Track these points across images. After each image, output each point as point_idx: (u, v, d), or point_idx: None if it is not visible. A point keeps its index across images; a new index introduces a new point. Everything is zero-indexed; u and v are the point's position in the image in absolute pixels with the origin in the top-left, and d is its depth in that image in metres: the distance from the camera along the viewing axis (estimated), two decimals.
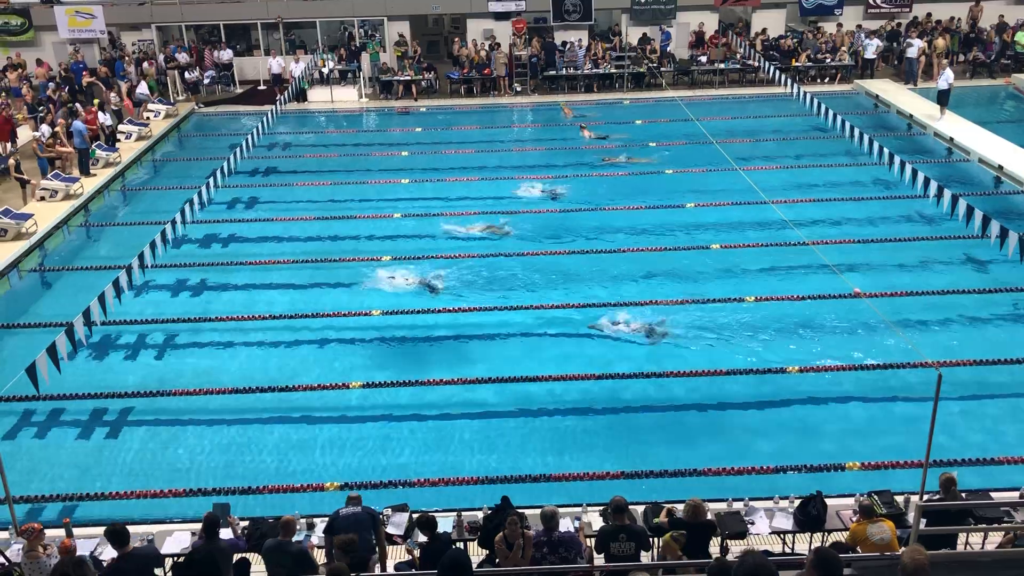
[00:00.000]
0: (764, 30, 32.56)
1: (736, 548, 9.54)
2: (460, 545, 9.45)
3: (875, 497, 9.33)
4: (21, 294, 17.67)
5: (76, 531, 9.66)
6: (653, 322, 15.24)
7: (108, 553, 9.28)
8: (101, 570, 8.32)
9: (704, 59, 31.59)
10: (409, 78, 31.05)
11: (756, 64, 29.91)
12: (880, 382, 13.53)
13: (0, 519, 10.25)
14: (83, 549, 9.14)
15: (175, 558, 9.07)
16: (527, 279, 17.08)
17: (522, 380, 13.66)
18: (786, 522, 9.74)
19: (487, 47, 31.45)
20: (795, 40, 32.02)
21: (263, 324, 15.73)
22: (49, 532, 9.14)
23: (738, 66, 31.31)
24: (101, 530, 9.71)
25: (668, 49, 32.35)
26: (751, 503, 10.00)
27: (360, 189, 22.40)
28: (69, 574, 4.87)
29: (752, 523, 9.71)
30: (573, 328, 15.33)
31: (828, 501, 9.76)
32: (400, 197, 21.78)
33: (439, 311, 15.87)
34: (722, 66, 31.25)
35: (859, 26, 32.45)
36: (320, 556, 9.19)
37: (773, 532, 9.72)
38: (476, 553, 9.22)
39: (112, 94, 27.85)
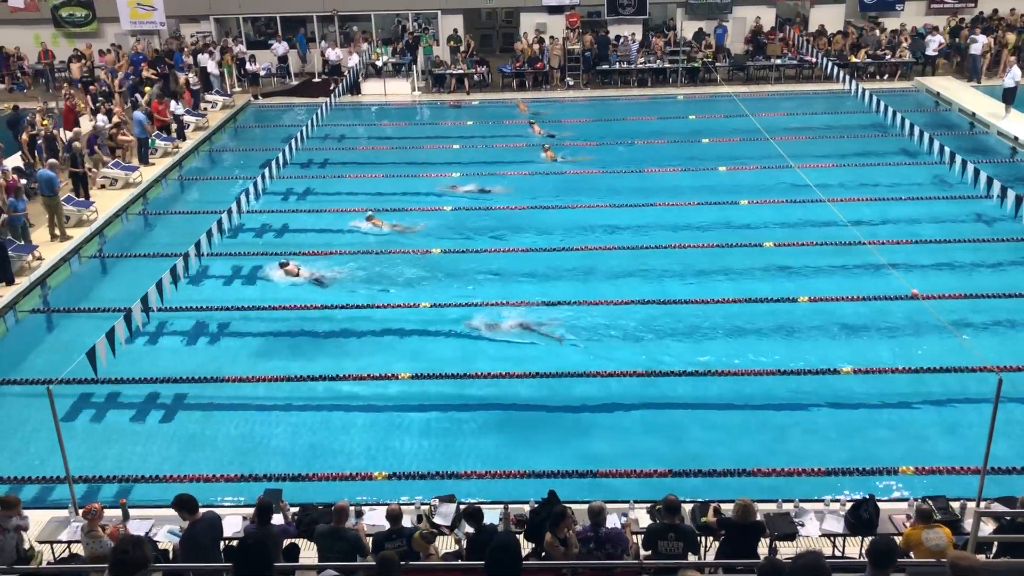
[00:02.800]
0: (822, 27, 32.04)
1: (785, 550, 9.43)
2: None
3: (930, 502, 9.15)
4: (81, 280, 18.08)
5: (132, 512, 9.90)
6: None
7: (162, 535, 9.53)
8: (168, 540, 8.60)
9: (757, 53, 31.15)
10: (461, 72, 31.12)
11: (813, 60, 29.44)
12: (937, 385, 13.23)
13: (61, 498, 10.52)
14: (139, 530, 9.34)
15: (227, 541, 9.24)
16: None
17: (580, 375, 13.66)
18: (837, 525, 9.59)
19: (540, 41, 31.40)
20: (856, 35, 31.44)
21: (314, 313, 15.89)
22: (106, 512, 9.36)
23: (795, 62, 30.84)
24: (156, 511, 10.02)
25: (724, 44, 31.98)
26: (801, 504, 9.86)
27: (411, 182, 22.52)
28: (129, 551, 4.97)
29: (802, 525, 9.57)
30: (636, 326, 15.25)
31: (880, 505, 9.60)
32: (449, 190, 21.87)
33: (487, 304, 15.90)
34: (778, 62, 30.81)
35: (924, 26, 31.75)
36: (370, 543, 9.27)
37: (823, 535, 9.57)
38: (522, 546, 9.21)
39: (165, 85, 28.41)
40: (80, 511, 9.26)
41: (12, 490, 11.37)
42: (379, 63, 31.79)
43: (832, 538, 9.64)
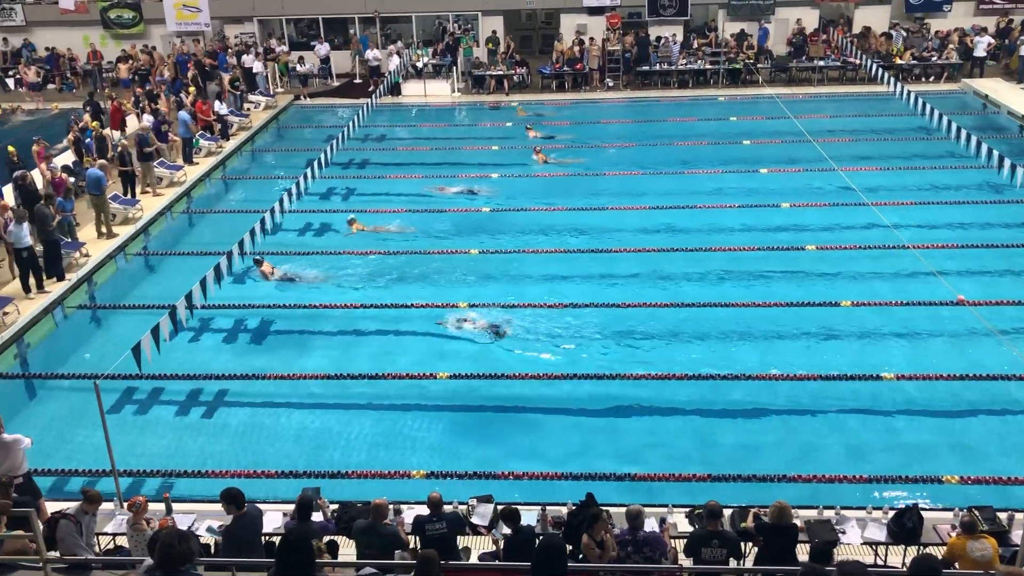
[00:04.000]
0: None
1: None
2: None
3: (976, 513, 8.99)
4: (127, 277, 18.40)
5: (174, 506, 10.04)
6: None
7: (203, 530, 9.66)
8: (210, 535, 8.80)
9: (799, 54, 30.83)
10: (501, 73, 31.16)
11: (857, 61, 29.05)
12: (983, 393, 12.99)
13: (106, 491, 10.69)
14: (182, 524, 9.48)
15: (267, 537, 9.34)
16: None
17: (619, 377, 13.61)
18: (879, 533, 9.46)
19: (579, 42, 31.36)
20: (903, 36, 30.98)
21: (355, 312, 16.01)
22: (150, 506, 9.51)
23: (838, 63, 30.47)
24: (198, 506, 10.17)
25: (766, 45, 31.70)
26: (842, 512, 9.75)
27: (450, 183, 22.59)
28: (175, 545, 5.06)
29: (843, 532, 9.45)
30: (676, 328, 15.18)
31: (924, 514, 9.45)
32: (488, 190, 21.93)
33: (534, 306, 15.90)
34: (821, 63, 30.46)
35: (973, 27, 31.19)
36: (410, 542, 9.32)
37: (865, 543, 9.45)
38: None
39: (214, 85, 28.78)
40: (125, 504, 9.41)
41: (58, 482, 11.62)
42: (419, 64, 31.95)
43: (874, 547, 9.51)
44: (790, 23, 31.98)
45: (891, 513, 9.55)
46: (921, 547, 9.30)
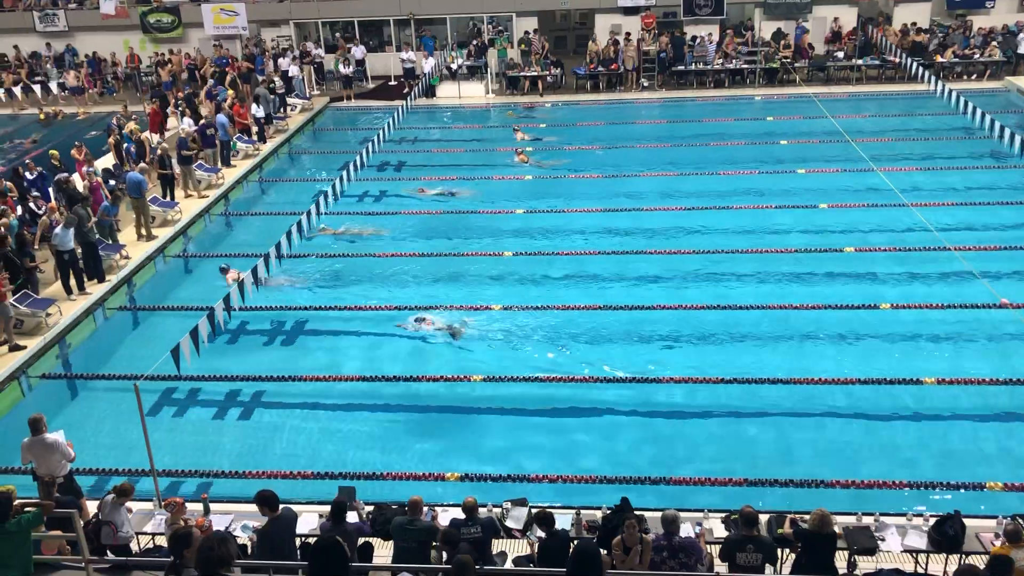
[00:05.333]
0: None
1: (865, 565, 9.20)
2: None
3: (1020, 521, 8.80)
4: (166, 278, 18.64)
5: (212, 506, 10.15)
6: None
7: (238, 530, 9.74)
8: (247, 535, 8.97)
9: (841, 54, 30.47)
10: (535, 74, 31.15)
11: (897, 60, 28.64)
12: None
13: (144, 491, 10.85)
14: (219, 524, 9.58)
15: (303, 538, 9.41)
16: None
17: (658, 381, 13.54)
18: (920, 541, 9.30)
19: (614, 42, 31.26)
20: (941, 34, 30.49)
21: (389, 315, 16.07)
22: (188, 506, 9.63)
23: (877, 62, 30.05)
24: (236, 506, 10.27)
25: (801, 43, 31.32)
26: (882, 518, 9.60)
27: (484, 184, 22.62)
28: (215, 548, 5.12)
29: (883, 539, 9.31)
30: (712, 330, 15.07)
31: (967, 522, 9.27)
32: (523, 194, 21.90)
33: (585, 308, 15.89)
34: (860, 62, 30.06)
35: (1016, 23, 30.61)
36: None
37: (905, 550, 9.29)
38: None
39: (261, 87, 29.05)
40: (163, 503, 9.54)
41: (100, 481, 11.80)
42: (453, 66, 32.03)
43: (915, 554, 9.35)
44: (828, 21, 31.61)
45: (932, 520, 9.40)
46: (963, 556, 9.14)
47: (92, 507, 10.45)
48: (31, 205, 18.55)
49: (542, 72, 31.16)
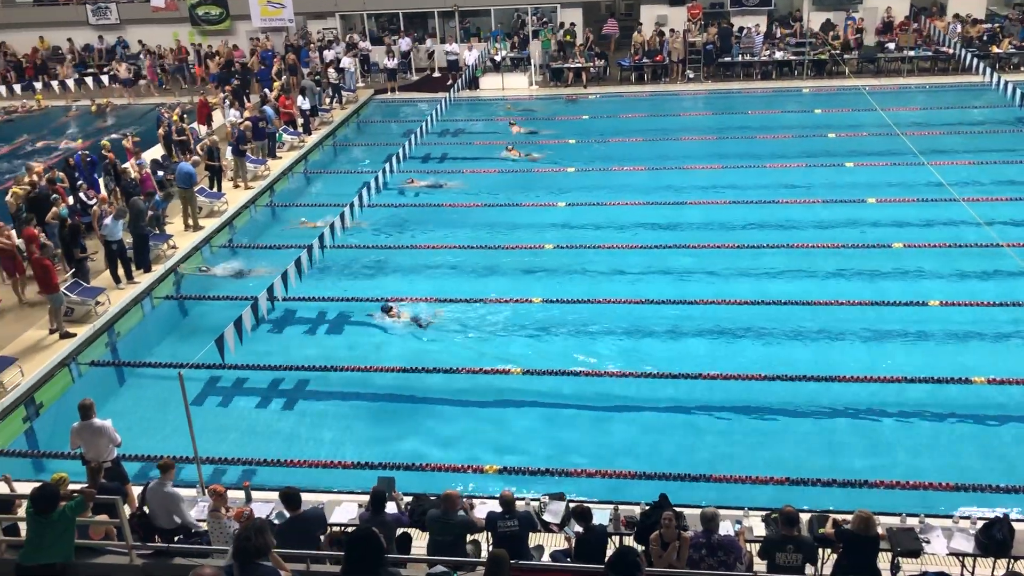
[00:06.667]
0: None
1: (909, 567, 9.03)
2: (616, 539, 9.41)
3: None
4: (212, 268, 18.86)
5: (254, 494, 10.28)
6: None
7: (282, 517, 9.85)
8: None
9: (892, 46, 29.86)
10: (579, 65, 30.99)
11: (951, 51, 27.97)
12: None
13: (189, 478, 11.02)
14: (260, 513, 9.70)
15: (343, 527, 9.49)
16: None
17: (695, 377, 13.44)
18: (966, 544, 9.09)
19: (660, 34, 30.98)
20: (997, 24, 29.73)
21: (432, 306, 16.07)
22: (230, 494, 9.75)
23: (930, 53, 29.39)
24: (277, 495, 10.36)
25: (850, 34, 30.75)
26: (927, 520, 9.40)
27: (526, 177, 22.57)
28: (251, 539, 5.17)
29: (927, 542, 9.12)
30: (755, 326, 14.90)
31: (1016, 526, 9.04)
32: (566, 186, 21.83)
33: (611, 302, 15.80)
34: (912, 53, 29.42)
35: None
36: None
37: (951, 553, 9.10)
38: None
39: (307, 79, 29.33)
40: (206, 491, 9.68)
41: (145, 467, 12.01)
42: (497, 58, 31.99)
43: (961, 558, 9.15)
44: (879, 12, 30.99)
45: (980, 523, 9.18)
46: (1012, 561, 8.92)
47: (136, 492, 10.67)
48: (81, 195, 18.92)
49: (586, 64, 30.99)
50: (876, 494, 10.68)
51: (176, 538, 9.17)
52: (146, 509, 9.47)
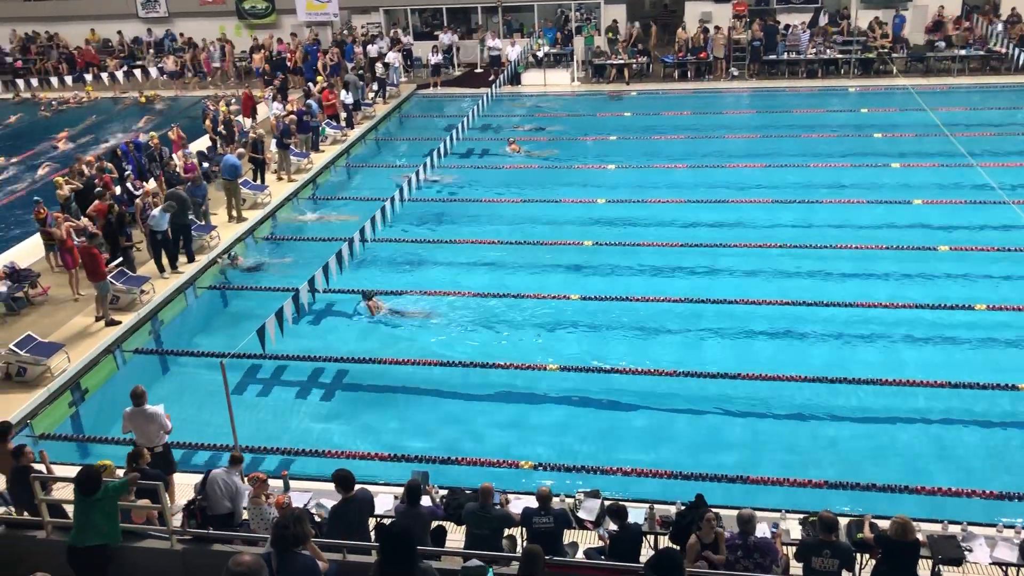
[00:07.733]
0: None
1: (949, 575, 8.89)
2: (651, 539, 9.38)
3: None
4: (255, 259, 19.06)
5: (292, 483, 10.40)
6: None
7: (314, 507, 9.96)
8: (326, 513, 9.16)
9: (942, 44, 29.29)
10: (622, 62, 30.82)
11: (1003, 50, 27.36)
12: None
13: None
14: (299, 502, 9.81)
15: (379, 519, 9.57)
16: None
17: (731, 377, 13.33)
18: (1010, 554, 8.93)
19: (704, 31, 30.70)
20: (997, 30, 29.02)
21: (469, 301, 16.17)
22: (270, 483, 9.88)
23: (981, 52, 28.79)
24: (315, 484, 10.50)
25: (901, 33, 30.23)
26: (969, 528, 9.25)
27: (566, 174, 22.52)
28: (289, 527, 5.23)
29: (969, 550, 8.97)
30: (796, 327, 14.75)
31: None
32: (606, 183, 21.74)
33: (628, 299, 15.74)
34: (963, 52, 28.84)
35: None
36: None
37: (994, 563, 8.94)
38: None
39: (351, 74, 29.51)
40: (246, 479, 9.81)
41: (186, 455, 12.21)
42: (539, 54, 31.93)
43: (1004, 567, 8.98)
44: (930, 10, 30.41)
45: None
46: None
47: (179, 479, 10.86)
48: (128, 185, 19.25)
49: (628, 60, 30.81)
50: (917, 500, 10.54)
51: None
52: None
